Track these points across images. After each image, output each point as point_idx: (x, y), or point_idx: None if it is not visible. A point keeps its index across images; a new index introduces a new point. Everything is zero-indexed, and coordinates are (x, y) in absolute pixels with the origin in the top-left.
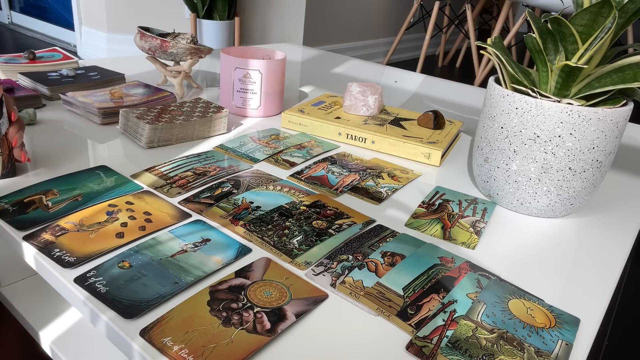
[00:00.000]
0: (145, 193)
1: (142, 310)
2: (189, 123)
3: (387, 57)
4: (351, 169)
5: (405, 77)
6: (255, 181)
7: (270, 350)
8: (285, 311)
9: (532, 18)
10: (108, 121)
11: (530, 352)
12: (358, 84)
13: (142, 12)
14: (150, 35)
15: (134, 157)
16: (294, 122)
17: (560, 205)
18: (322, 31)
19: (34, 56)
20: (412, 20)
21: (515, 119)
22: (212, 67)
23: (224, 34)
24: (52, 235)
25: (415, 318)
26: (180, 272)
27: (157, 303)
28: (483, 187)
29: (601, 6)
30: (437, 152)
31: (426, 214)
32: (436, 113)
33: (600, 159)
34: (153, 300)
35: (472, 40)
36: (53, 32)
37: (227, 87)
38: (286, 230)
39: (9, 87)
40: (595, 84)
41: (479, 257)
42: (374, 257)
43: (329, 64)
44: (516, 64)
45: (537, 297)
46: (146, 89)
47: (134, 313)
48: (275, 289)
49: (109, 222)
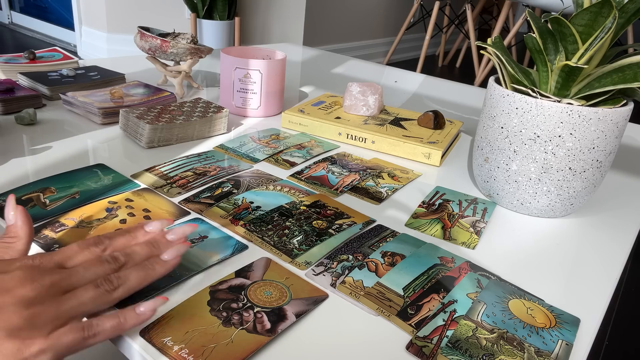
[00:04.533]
0: (145, 190)
1: None
2: (189, 123)
3: (387, 57)
4: (351, 169)
5: (405, 77)
6: (255, 181)
7: (270, 350)
8: (286, 311)
9: (532, 18)
10: (108, 121)
11: (530, 352)
12: (358, 84)
13: (142, 12)
14: (151, 35)
15: (134, 157)
16: (294, 122)
17: (560, 205)
18: (322, 31)
19: (34, 56)
20: (412, 20)
21: (515, 119)
22: (212, 67)
23: (224, 34)
24: (53, 232)
25: (415, 318)
26: (177, 268)
27: (152, 296)
28: (483, 187)
29: (601, 6)
30: (437, 152)
31: (426, 214)
32: (436, 113)
33: (601, 159)
34: (148, 293)
35: (472, 40)
36: (53, 32)
37: (227, 87)
38: (286, 230)
39: (9, 87)
40: (596, 84)
41: (479, 257)
42: (374, 257)
43: (329, 64)
44: (516, 64)
45: (537, 297)
46: (146, 89)
47: None
48: (276, 289)
49: (109, 218)
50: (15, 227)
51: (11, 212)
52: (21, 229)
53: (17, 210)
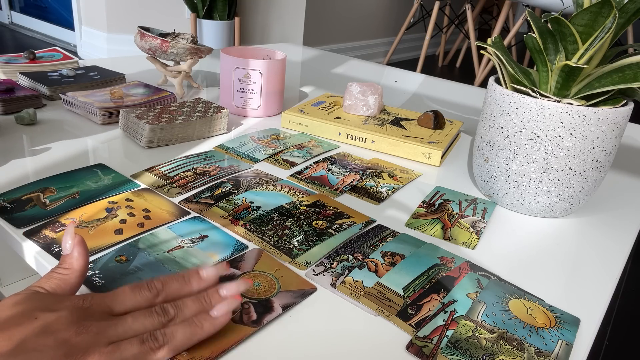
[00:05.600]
0: (145, 191)
1: None
2: (189, 123)
3: (387, 57)
4: (351, 169)
5: (405, 77)
6: (255, 181)
7: (254, 340)
8: (273, 303)
9: (532, 18)
10: (108, 121)
11: (530, 352)
12: (358, 84)
13: (142, 12)
14: (151, 35)
15: (134, 157)
16: (294, 122)
17: (560, 205)
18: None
19: (34, 56)
20: (412, 20)
21: (515, 119)
22: (212, 67)
23: (224, 34)
24: (52, 232)
25: (415, 318)
26: (176, 267)
27: None
28: (483, 187)
29: (601, 6)
30: (437, 152)
31: (426, 214)
32: (436, 113)
33: (601, 159)
34: None
35: (472, 40)
36: (53, 32)
37: (227, 87)
38: (286, 230)
39: (9, 87)
40: (596, 84)
41: (479, 257)
42: (374, 257)
43: (329, 64)
44: (516, 64)
45: (537, 297)
46: (146, 89)
47: None
48: (265, 281)
49: (109, 218)
50: (71, 258)
51: (69, 242)
52: (77, 260)
53: (75, 240)
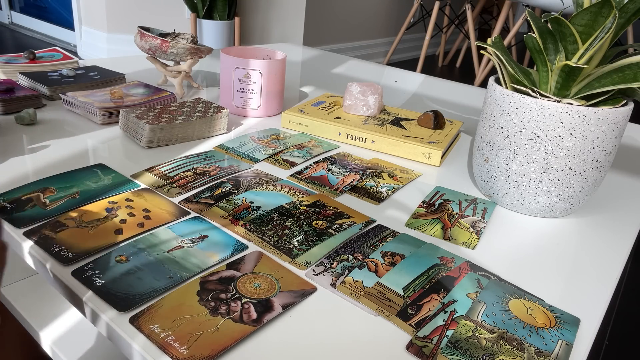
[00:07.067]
0: (145, 190)
1: (136, 304)
2: (189, 123)
3: (387, 57)
4: (351, 169)
5: (405, 77)
6: (255, 181)
7: (255, 340)
8: (273, 302)
9: (532, 18)
10: (108, 121)
11: (530, 352)
12: (358, 84)
13: (142, 12)
14: (151, 35)
15: (134, 157)
16: (294, 122)
17: (560, 205)
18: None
19: (34, 56)
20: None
21: (515, 119)
22: (212, 67)
23: (224, 34)
24: (52, 231)
25: (415, 318)
26: (176, 267)
27: (151, 297)
28: (483, 187)
29: (601, 6)
30: (437, 152)
31: (426, 214)
32: (436, 113)
33: (600, 159)
34: (147, 294)
35: (472, 40)
36: (53, 32)
37: (227, 87)
38: (286, 230)
39: (9, 87)
40: (595, 84)
41: (479, 257)
42: (374, 257)
43: (329, 64)
44: (516, 64)
45: (537, 297)
46: (146, 89)
47: (127, 306)
48: (265, 281)
49: (109, 218)
50: None
51: None
52: None
53: None
